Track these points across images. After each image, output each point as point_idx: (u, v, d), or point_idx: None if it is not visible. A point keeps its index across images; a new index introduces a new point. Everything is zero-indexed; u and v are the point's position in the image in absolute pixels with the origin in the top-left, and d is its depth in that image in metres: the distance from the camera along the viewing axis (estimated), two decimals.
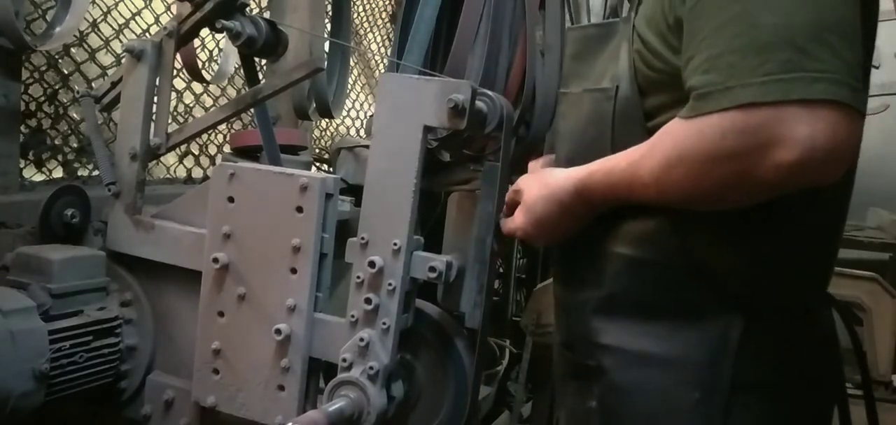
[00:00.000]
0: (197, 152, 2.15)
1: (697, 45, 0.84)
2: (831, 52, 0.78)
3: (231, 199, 1.20)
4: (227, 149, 2.11)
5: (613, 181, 0.97)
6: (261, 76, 1.78)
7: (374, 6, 3.05)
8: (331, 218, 1.18)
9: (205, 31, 1.43)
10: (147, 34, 1.85)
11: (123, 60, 1.36)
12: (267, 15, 2.07)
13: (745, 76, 0.79)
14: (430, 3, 1.27)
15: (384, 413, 1.13)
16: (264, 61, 2.15)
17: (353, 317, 1.14)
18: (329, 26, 2.19)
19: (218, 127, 1.91)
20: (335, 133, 2.87)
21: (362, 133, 2.90)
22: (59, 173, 1.70)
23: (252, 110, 1.54)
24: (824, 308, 1.05)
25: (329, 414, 1.04)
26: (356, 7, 2.88)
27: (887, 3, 2.49)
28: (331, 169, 2.31)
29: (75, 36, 1.67)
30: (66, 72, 1.70)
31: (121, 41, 1.80)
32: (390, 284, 1.12)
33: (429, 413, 1.26)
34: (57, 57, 1.67)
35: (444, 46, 1.35)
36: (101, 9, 1.77)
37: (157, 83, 1.34)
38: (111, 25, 1.80)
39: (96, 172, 1.69)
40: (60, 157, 1.71)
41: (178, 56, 1.38)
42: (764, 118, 0.78)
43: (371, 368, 1.11)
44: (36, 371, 1.13)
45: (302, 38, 1.94)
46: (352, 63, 2.69)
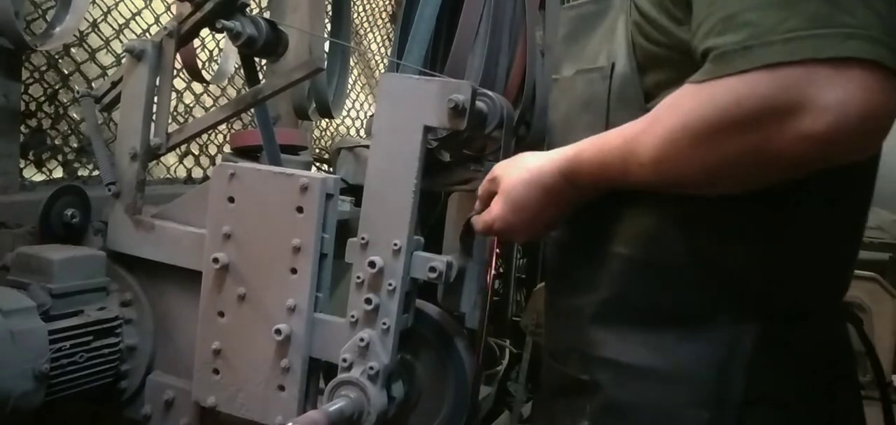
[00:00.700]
0: (197, 152, 2.15)
1: (710, 7, 0.74)
2: (865, 4, 0.67)
3: (231, 199, 1.20)
4: (227, 149, 2.11)
5: (605, 159, 0.85)
6: (261, 76, 1.78)
7: (374, 6, 3.05)
8: (331, 218, 1.18)
9: (205, 31, 1.43)
10: (147, 34, 1.85)
11: (123, 60, 1.36)
12: (267, 15, 2.07)
13: (766, 34, 0.68)
14: (430, 3, 1.27)
15: (384, 413, 1.13)
16: (264, 61, 2.15)
17: (353, 317, 1.14)
18: (329, 26, 2.19)
19: (218, 127, 1.91)
20: (335, 133, 2.87)
21: (362, 133, 2.90)
22: (59, 173, 1.70)
23: (252, 110, 1.54)
24: (839, 311, 0.96)
25: (329, 414, 1.04)
26: (356, 7, 2.88)
27: None
28: (331, 169, 2.31)
29: (75, 36, 1.67)
30: (66, 72, 1.70)
31: (121, 41, 1.80)
32: (390, 284, 1.11)
33: (429, 413, 1.26)
34: (57, 57, 1.67)
35: (444, 46, 1.35)
36: (101, 9, 1.77)
37: (158, 83, 1.34)
38: (111, 25, 1.80)
39: (96, 172, 1.69)
40: (60, 157, 1.71)
41: (178, 56, 1.38)
42: (788, 80, 0.67)
43: (371, 368, 1.11)
44: (36, 371, 1.13)
45: (302, 38, 1.94)
46: (352, 63, 2.69)
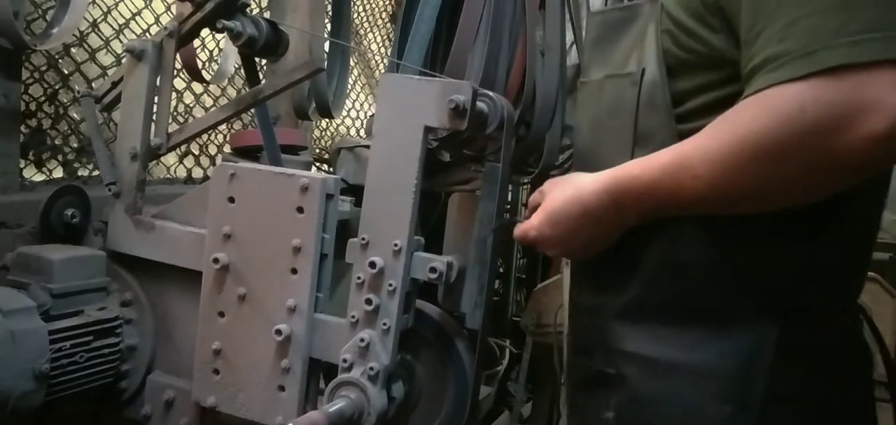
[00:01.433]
0: (197, 152, 2.15)
1: (768, 17, 0.74)
2: None
3: (231, 199, 1.20)
4: (227, 149, 2.11)
5: (654, 176, 0.84)
6: (261, 76, 1.78)
7: (374, 6, 3.05)
8: (331, 218, 1.18)
9: (205, 31, 1.43)
10: (147, 34, 1.85)
11: (123, 60, 1.36)
12: (267, 15, 2.07)
13: (828, 38, 0.69)
14: (430, 3, 1.27)
15: (384, 413, 1.13)
16: (264, 61, 2.15)
17: (353, 317, 1.14)
18: (329, 26, 2.18)
19: (218, 127, 1.90)
20: (335, 133, 2.87)
21: (362, 133, 2.90)
22: (59, 173, 1.70)
23: (252, 110, 1.54)
24: (855, 310, 0.98)
25: (329, 414, 1.04)
26: (356, 7, 2.89)
27: None
28: (331, 169, 2.31)
29: (75, 36, 1.67)
30: (66, 72, 1.70)
31: (121, 41, 1.80)
32: (391, 285, 1.11)
33: (429, 413, 1.26)
34: (57, 57, 1.67)
35: (444, 46, 1.35)
36: (101, 9, 1.77)
37: (158, 83, 1.34)
38: (111, 25, 1.80)
39: (96, 172, 1.69)
40: (60, 157, 1.71)
41: (178, 56, 1.38)
42: (853, 83, 0.68)
43: (371, 369, 1.11)
44: (36, 371, 1.13)
45: (302, 38, 1.94)
46: (352, 63, 2.69)
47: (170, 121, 1.37)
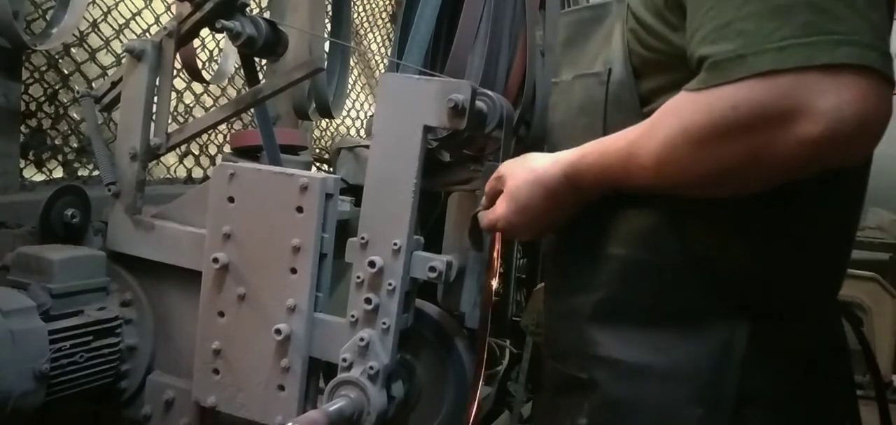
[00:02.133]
0: (197, 152, 2.15)
1: (704, 15, 0.76)
2: (855, 11, 0.69)
3: (231, 199, 1.20)
4: (227, 149, 2.11)
5: (607, 162, 0.87)
6: (261, 76, 1.78)
7: (374, 6, 3.05)
8: (331, 218, 1.18)
9: (205, 31, 1.43)
10: (147, 34, 1.85)
11: (123, 60, 1.36)
12: (267, 15, 2.07)
13: (760, 42, 0.70)
14: (430, 3, 1.26)
15: (384, 413, 1.13)
16: (264, 61, 2.15)
17: (353, 316, 1.14)
18: (329, 26, 2.19)
19: (218, 127, 1.91)
20: (335, 133, 2.87)
21: (362, 133, 2.90)
22: (59, 173, 1.70)
23: (252, 110, 1.54)
24: (833, 311, 0.97)
25: (329, 414, 1.04)
26: (356, 7, 2.89)
27: None
28: (331, 169, 2.31)
29: (75, 36, 1.67)
30: (66, 72, 1.70)
31: (121, 41, 1.80)
32: (390, 284, 1.11)
33: (429, 413, 1.26)
34: (57, 57, 1.67)
35: (444, 46, 1.34)
36: (101, 9, 1.77)
37: (157, 83, 1.34)
38: (111, 25, 1.80)
39: (96, 172, 1.69)
40: (60, 157, 1.71)
41: (178, 56, 1.38)
42: (783, 87, 0.69)
43: (371, 368, 1.11)
44: (36, 371, 1.13)
45: (302, 38, 1.94)
46: (352, 63, 2.69)
47: (170, 121, 1.37)
